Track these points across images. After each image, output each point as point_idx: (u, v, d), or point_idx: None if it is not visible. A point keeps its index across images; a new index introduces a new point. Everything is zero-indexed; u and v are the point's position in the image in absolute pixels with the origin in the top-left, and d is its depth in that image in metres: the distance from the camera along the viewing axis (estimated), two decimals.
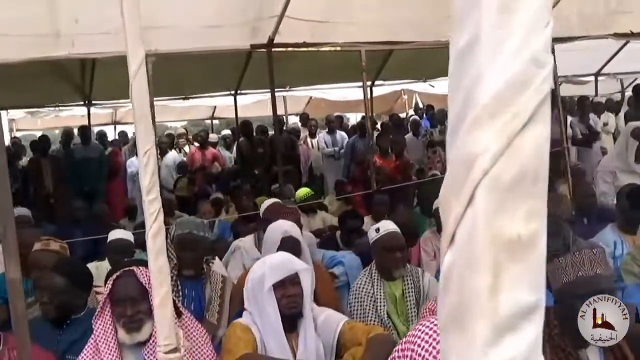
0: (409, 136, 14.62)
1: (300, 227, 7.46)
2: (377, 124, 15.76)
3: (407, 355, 2.24)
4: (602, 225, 6.53)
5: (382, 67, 13.52)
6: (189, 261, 5.29)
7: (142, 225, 9.26)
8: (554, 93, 10.99)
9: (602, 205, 7.50)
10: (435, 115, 14.87)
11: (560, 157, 10.38)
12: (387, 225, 5.61)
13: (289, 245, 5.22)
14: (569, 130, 12.84)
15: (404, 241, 5.62)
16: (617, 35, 10.40)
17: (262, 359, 3.89)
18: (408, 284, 5.41)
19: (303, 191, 10.05)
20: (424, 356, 2.19)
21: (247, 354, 3.80)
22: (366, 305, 5.32)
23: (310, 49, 9.53)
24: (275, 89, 14.35)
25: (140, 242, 8.53)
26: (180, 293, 5.23)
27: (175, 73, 11.68)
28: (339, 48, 9.70)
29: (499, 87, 0.89)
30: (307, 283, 4.04)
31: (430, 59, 12.90)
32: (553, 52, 10.19)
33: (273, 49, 9.40)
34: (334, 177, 13.52)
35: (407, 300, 5.35)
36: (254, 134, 14.05)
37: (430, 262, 7.11)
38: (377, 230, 5.52)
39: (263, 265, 4.09)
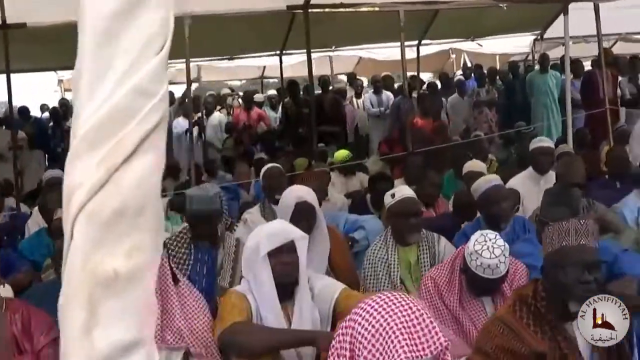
0: (454, 96, 14.49)
1: (325, 191, 7.51)
2: (424, 84, 15.62)
3: (348, 333, 2.24)
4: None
5: (429, 26, 13.36)
6: (203, 235, 5.35)
7: (184, 185, 9.35)
8: (601, 52, 10.77)
9: (635, 170, 7.33)
10: (482, 75, 14.65)
11: (604, 118, 10.24)
12: (403, 191, 5.59)
13: (303, 211, 5.23)
14: (619, 91, 12.58)
15: (420, 207, 5.60)
16: None
17: (253, 327, 3.92)
18: (423, 249, 5.39)
19: (342, 153, 10.04)
20: (363, 334, 2.18)
21: (238, 322, 3.83)
22: (380, 271, 5.32)
23: (347, 9, 9.47)
24: (321, 49, 14.45)
25: (178, 203, 8.64)
26: (192, 257, 5.29)
27: (219, 34, 11.73)
28: (377, 8, 9.62)
29: (99, 118, 0.85)
30: (304, 251, 4.03)
31: (478, 18, 12.76)
32: (597, 11, 10.03)
33: (310, 10, 9.36)
34: (379, 137, 13.47)
35: (422, 266, 5.33)
36: (301, 94, 14.04)
37: None
38: (393, 195, 5.50)
39: (259, 233, 4.11)
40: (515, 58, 16.78)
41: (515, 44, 15.84)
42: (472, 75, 15.54)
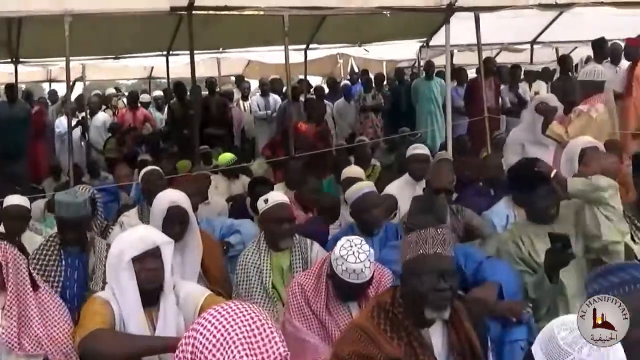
0: (341, 101, 14.61)
1: (205, 194, 7.49)
2: (311, 87, 15.70)
3: (190, 342, 2.23)
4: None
5: (316, 31, 13.44)
6: (71, 240, 5.26)
7: (63, 186, 9.09)
8: (481, 61, 11.04)
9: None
10: (369, 80, 14.82)
11: (482, 126, 10.51)
12: (276, 196, 5.60)
13: (175, 215, 5.20)
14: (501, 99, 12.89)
15: (292, 212, 5.63)
16: (542, 7, 10.43)
17: (114, 333, 3.86)
18: (296, 255, 5.42)
19: (226, 156, 10.02)
20: (204, 344, 2.18)
21: (99, 329, 3.77)
22: (252, 276, 5.32)
23: (232, 12, 9.42)
24: (209, 51, 14.39)
25: (54, 204, 8.47)
26: (63, 262, 5.19)
27: (104, 32, 11.53)
28: (262, 12, 9.61)
29: None
30: (169, 257, 4.00)
31: (364, 24, 12.86)
32: (477, 21, 10.28)
33: (193, 12, 9.28)
34: (265, 140, 13.48)
35: (294, 271, 5.35)
36: (187, 95, 13.91)
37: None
38: (266, 201, 5.50)
39: (123, 239, 4.06)
40: (402, 64, 16.98)
41: (402, 51, 16.07)
42: (359, 80, 15.71)
